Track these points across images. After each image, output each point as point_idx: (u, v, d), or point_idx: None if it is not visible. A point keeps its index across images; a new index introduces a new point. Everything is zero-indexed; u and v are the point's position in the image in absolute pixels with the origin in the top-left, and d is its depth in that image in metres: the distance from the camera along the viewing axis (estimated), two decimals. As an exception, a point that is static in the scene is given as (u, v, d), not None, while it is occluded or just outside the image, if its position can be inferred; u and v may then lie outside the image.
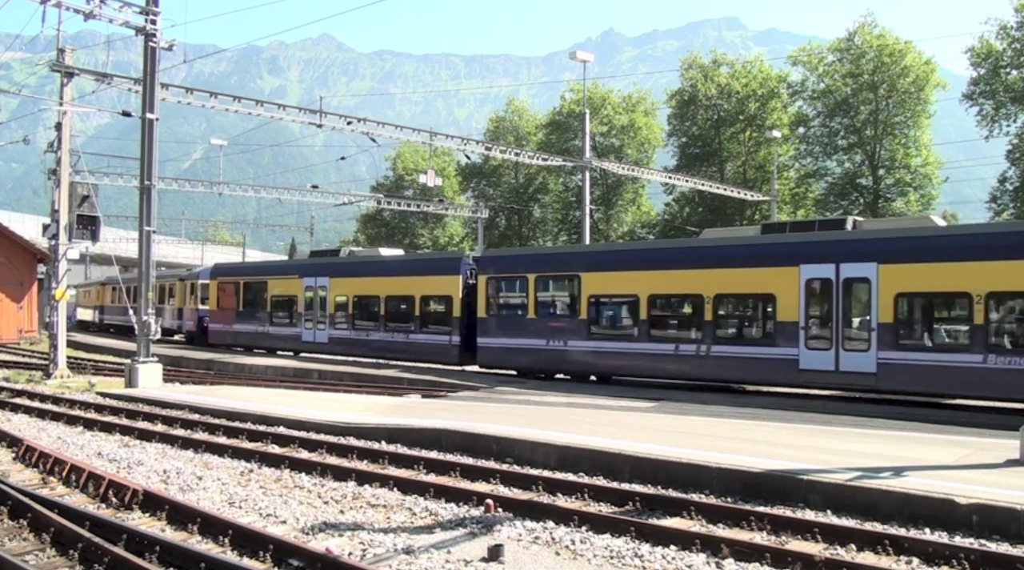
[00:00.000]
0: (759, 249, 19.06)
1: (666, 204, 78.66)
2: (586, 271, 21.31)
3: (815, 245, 17.82)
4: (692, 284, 19.27)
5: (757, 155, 69.46)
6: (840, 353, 16.65)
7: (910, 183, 60.82)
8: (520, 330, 22.50)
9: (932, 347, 15.98)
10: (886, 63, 58.39)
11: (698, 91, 69.70)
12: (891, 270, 16.03)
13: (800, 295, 17.35)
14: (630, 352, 20.06)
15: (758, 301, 18.62)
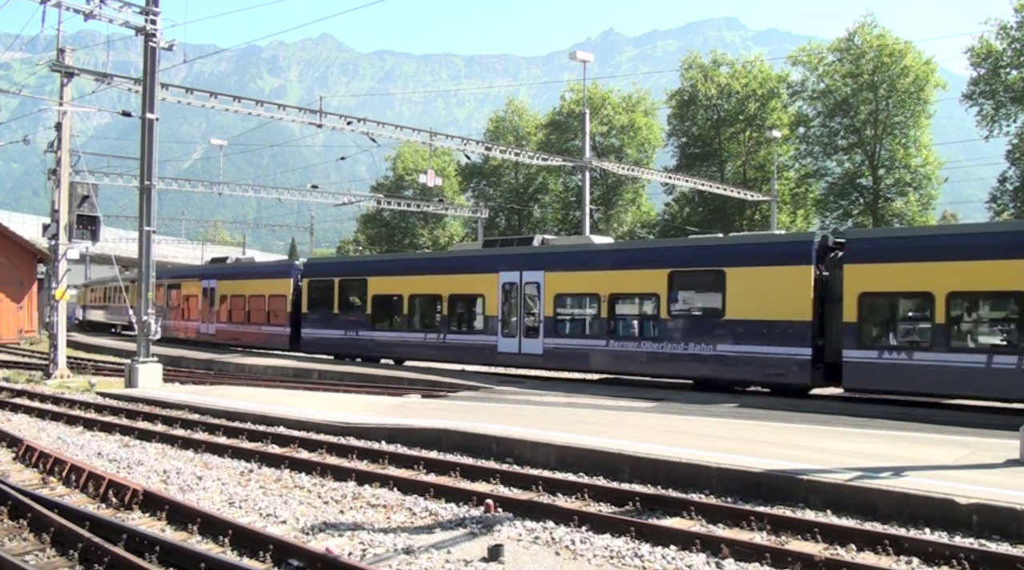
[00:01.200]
0: (476, 260, 25.35)
1: (666, 204, 78.66)
2: (371, 276, 27.35)
3: (508, 257, 23.84)
4: (436, 287, 25.15)
5: (757, 155, 69.44)
6: (522, 340, 22.62)
7: (910, 183, 60.81)
8: (329, 323, 28.35)
9: (572, 335, 22.10)
10: (886, 63, 58.38)
11: (698, 91, 69.69)
12: (552, 277, 22.09)
13: (498, 296, 23.19)
14: (399, 340, 26.09)
15: (475, 300, 24.31)
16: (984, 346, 15.81)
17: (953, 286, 15.72)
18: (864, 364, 16.75)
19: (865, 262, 16.85)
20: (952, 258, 16.02)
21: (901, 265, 16.56)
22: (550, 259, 22.68)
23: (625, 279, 20.97)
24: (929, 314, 16.12)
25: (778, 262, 18.15)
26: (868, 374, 16.80)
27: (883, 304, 17.16)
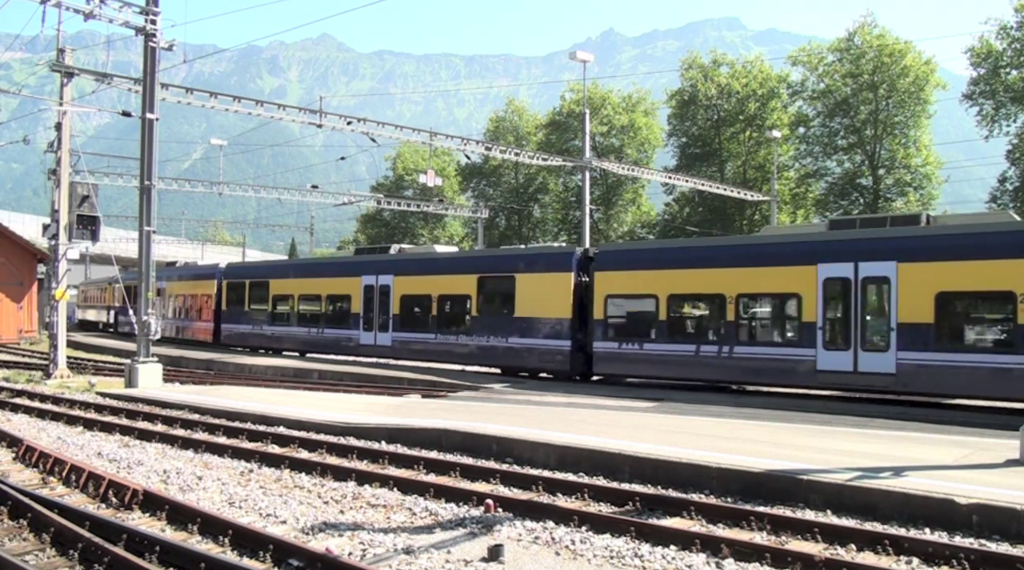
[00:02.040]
0: (346, 265, 29.52)
1: (666, 204, 78.64)
2: (272, 279, 32.02)
3: (369, 263, 27.73)
4: (317, 288, 29.63)
5: (757, 155, 69.43)
6: (377, 334, 26.58)
7: (910, 183, 60.81)
8: (241, 319, 32.77)
9: (413, 329, 25.48)
10: (886, 63, 58.37)
11: (698, 91, 69.68)
12: (399, 280, 26.05)
13: (361, 296, 27.20)
14: (291, 334, 30.32)
15: (344, 299, 27.99)
16: (695, 339, 19.50)
17: (672, 289, 19.77)
18: (609, 353, 20.68)
19: (609, 270, 20.98)
20: (672, 267, 20.30)
21: (635, 272, 20.76)
22: (399, 265, 26.67)
23: (450, 283, 24.73)
24: (655, 312, 19.97)
25: (549, 270, 22.05)
26: (612, 362, 20.70)
27: (622, 304, 20.97)
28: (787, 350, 18.03)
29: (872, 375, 16.71)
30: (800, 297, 17.79)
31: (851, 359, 16.90)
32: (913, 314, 16.22)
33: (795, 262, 18.00)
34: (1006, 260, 15.23)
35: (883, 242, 17.19)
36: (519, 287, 22.57)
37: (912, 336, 16.17)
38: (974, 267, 15.70)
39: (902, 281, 16.41)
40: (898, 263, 16.48)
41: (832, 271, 17.37)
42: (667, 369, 19.90)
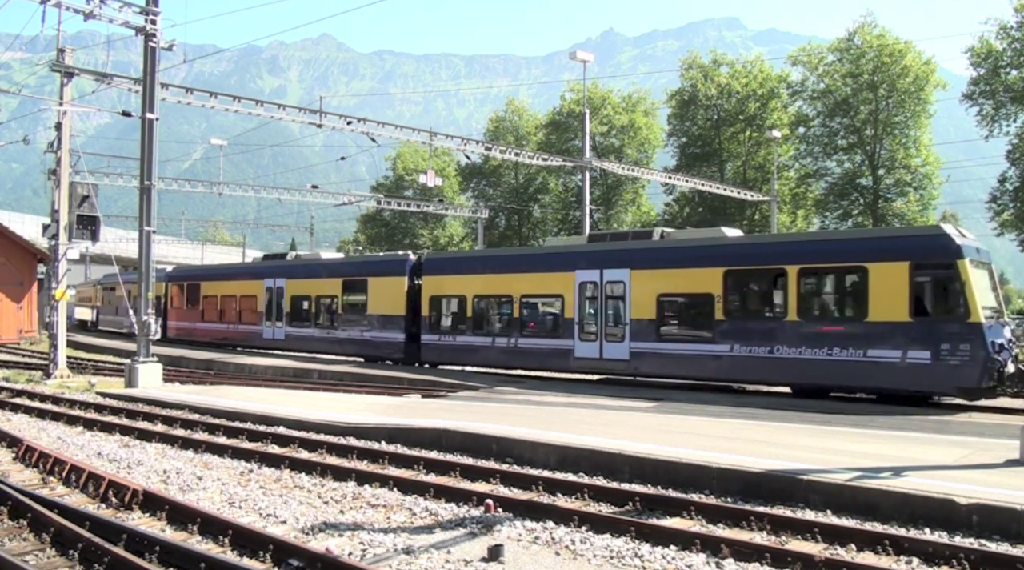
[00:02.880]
0: (255, 270, 34.44)
1: (666, 204, 78.61)
2: (203, 281, 36.63)
3: (272, 268, 32.55)
4: (234, 289, 33.73)
5: (757, 155, 69.39)
6: (275, 329, 31.13)
7: (910, 183, 60.77)
8: (183, 317, 37.24)
9: (300, 325, 30.01)
10: (886, 63, 58.36)
11: (698, 91, 69.64)
12: (291, 282, 30.64)
13: (264, 296, 31.50)
14: (214, 329, 34.55)
15: (254, 299, 32.38)
16: (491, 331, 23.35)
17: (476, 291, 23.76)
18: (433, 344, 24.63)
19: (432, 275, 25.11)
20: (476, 272, 24.44)
21: (451, 277, 24.83)
22: (290, 270, 31.33)
23: (324, 285, 29.12)
24: (465, 310, 23.94)
25: (390, 274, 26.21)
26: (436, 351, 24.68)
27: (442, 303, 24.76)
28: (554, 341, 21.76)
29: (613, 361, 20.48)
30: (563, 298, 21.64)
31: (598, 348, 20.76)
32: (641, 311, 20.01)
33: (560, 269, 21.77)
34: (708, 268, 18.94)
35: (620, 253, 21.01)
36: (370, 289, 26.94)
37: (640, 329, 19.99)
38: (685, 274, 19.61)
39: (634, 285, 20.16)
40: (631, 270, 20.26)
41: (585, 277, 21.15)
42: (474, 357, 23.90)
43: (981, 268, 16.68)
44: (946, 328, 15.82)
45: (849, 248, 18.05)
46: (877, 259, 16.64)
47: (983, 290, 16.21)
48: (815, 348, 17.23)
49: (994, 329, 15.95)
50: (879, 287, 16.56)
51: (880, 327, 16.40)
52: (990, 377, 15.50)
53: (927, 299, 16.40)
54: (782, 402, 17.01)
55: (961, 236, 16.65)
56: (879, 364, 16.40)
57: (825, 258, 17.99)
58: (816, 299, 18.17)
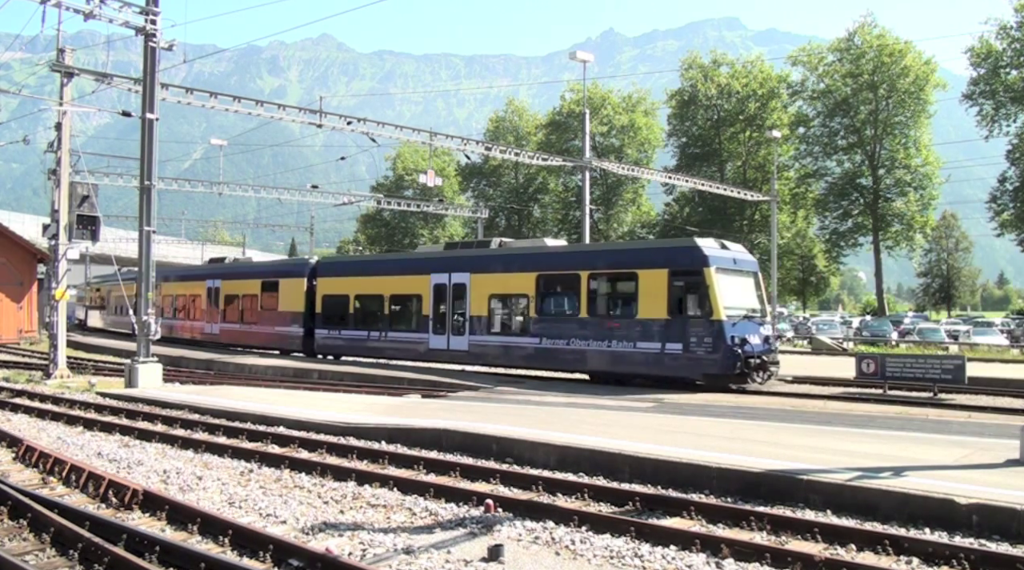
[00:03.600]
0: (194, 273, 38.89)
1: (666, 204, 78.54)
2: (163, 282, 38.08)
3: (210, 271, 36.21)
4: (183, 290, 37.71)
5: (757, 155, 69.35)
6: (213, 325, 34.56)
7: (910, 183, 60.72)
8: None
9: (231, 321, 33.46)
10: (886, 63, 58.33)
11: (698, 91, 69.62)
12: (225, 284, 34.20)
13: (205, 296, 35.38)
14: (176, 324, 37.74)
15: (197, 297, 35.98)
16: (373, 326, 26.38)
17: (357, 291, 27.23)
18: (324, 338, 28.10)
19: (325, 276, 28.61)
20: (357, 275, 27.93)
21: (338, 278, 28.21)
22: (226, 272, 35.34)
23: (248, 285, 32.92)
24: (348, 307, 27.39)
25: (295, 276, 29.97)
26: (328, 344, 28.09)
27: (332, 301, 27.93)
28: (414, 334, 24.87)
29: (457, 351, 23.58)
30: (421, 297, 24.77)
31: (446, 341, 23.84)
32: (478, 309, 23.10)
33: (419, 272, 25.01)
34: (526, 273, 22.08)
35: (464, 259, 24.30)
36: (281, 289, 30.47)
37: (476, 325, 23.09)
38: (510, 277, 22.74)
39: (473, 287, 23.23)
40: (471, 274, 23.37)
41: (438, 279, 24.22)
42: (356, 349, 27.24)
43: (732, 275, 19.44)
44: (694, 324, 18.64)
45: (625, 257, 21.28)
46: (645, 266, 19.80)
47: (729, 293, 18.83)
48: (600, 341, 20.31)
49: (739, 326, 18.64)
50: (646, 290, 19.57)
51: (646, 323, 19.46)
52: (734, 366, 18.31)
53: (681, 300, 19.06)
54: (782, 402, 17.02)
55: (721, 248, 19.87)
56: (646, 354, 19.41)
57: (608, 265, 21.03)
58: (600, 299, 20.90)
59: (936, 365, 18.72)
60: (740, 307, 19.24)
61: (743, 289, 19.89)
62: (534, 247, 24.26)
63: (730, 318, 18.51)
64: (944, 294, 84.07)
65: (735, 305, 19.05)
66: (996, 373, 23.23)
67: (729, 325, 18.42)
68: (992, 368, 25.37)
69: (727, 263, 19.61)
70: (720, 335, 18.24)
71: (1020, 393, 19.38)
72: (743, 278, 20.05)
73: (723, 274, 19.04)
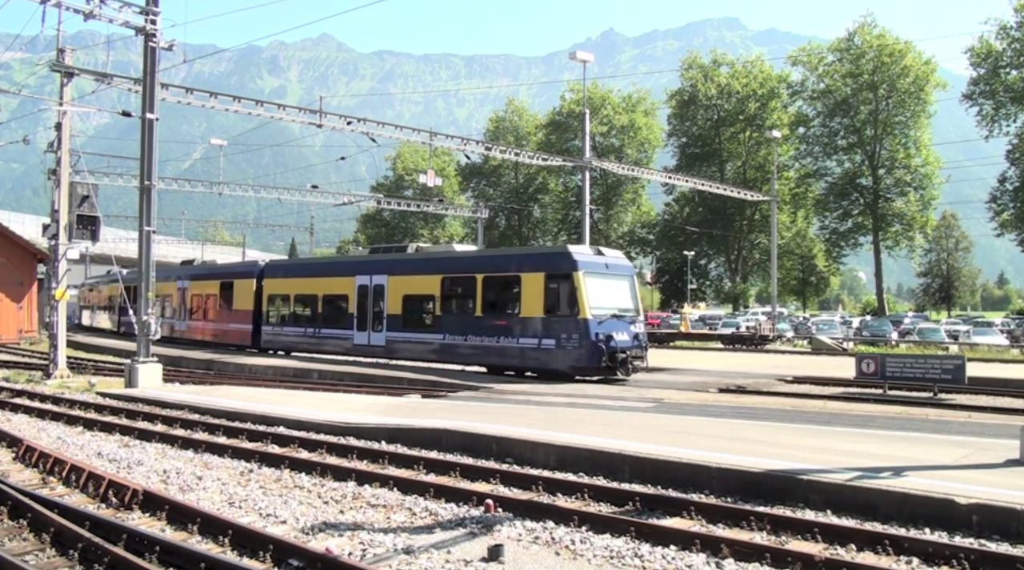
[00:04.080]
0: (168, 273, 39.08)
1: (666, 204, 78.49)
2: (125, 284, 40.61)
3: (178, 272, 39.18)
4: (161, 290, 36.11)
5: (757, 155, 69.31)
6: (177, 323, 37.23)
7: (910, 183, 60.69)
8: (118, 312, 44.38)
9: (196, 319, 36.03)
10: (886, 63, 58.30)
11: (698, 91, 69.58)
12: (192, 284, 36.92)
13: (176, 295, 37.83)
14: (124, 321, 41.94)
15: (168, 297, 38.30)
16: (309, 324, 28.93)
17: (296, 291, 29.85)
18: (268, 334, 30.71)
19: (270, 278, 31.28)
20: (296, 276, 30.53)
21: (281, 280, 30.95)
22: (193, 273, 38.15)
23: (208, 286, 35.43)
24: (289, 306, 30.12)
25: (247, 277, 32.36)
26: (272, 340, 30.52)
27: (276, 301, 30.70)
28: (342, 331, 27.09)
29: (376, 347, 25.80)
30: (348, 297, 26.86)
31: (367, 337, 26.10)
32: (393, 308, 25.31)
33: (347, 274, 27.32)
34: (432, 275, 24.36)
35: (383, 263, 26.59)
36: (235, 289, 32.95)
37: (392, 322, 25.29)
38: (420, 279, 24.87)
39: (390, 288, 25.44)
40: (388, 276, 25.61)
41: (361, 281, 26.45)
42: (296, 344, 29.51)
43: (603, 278, 21.34)
44: (564, 322, 20.62)
45: (511, 262, 23.70)
46: (527, 270, 21.91)
47: (597, 295, 20.69)
48: (492, 337, 22.31)
49: (606, 324, 20.49)
50: (527, 291, 21.58)
51: (527, 321, 21.49)
52: (599, 360, 20.18)
53: (554, 301, 20.96)
54: (782, 402, 17.02)
55: (596, 254, 22.15)
56: (526, 349, 21.53)
57: (498, 269, 23.22)
58: (492, 300, 22.76)
59: (936, 365, 18.71)
60: (608, 307, 21.02)
61: (614, 291, 21.72)
62: (441, 252, 26.54)
63: (596, 317, 20.37)
64: (944, 294, 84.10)
65: (602, 305, 20.84)
66: (996, 373, 23.21)
67: (595, 323, 20.30)
68: (992, 368, 25.36)
69: (598, 268, 21.46)
70: (586, 332, 20.20)
71: (1020, 393, 19.38)
72: (615, 281, 21.92)
73: (592, 277, 20.88)
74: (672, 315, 59.05)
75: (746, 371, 24.63)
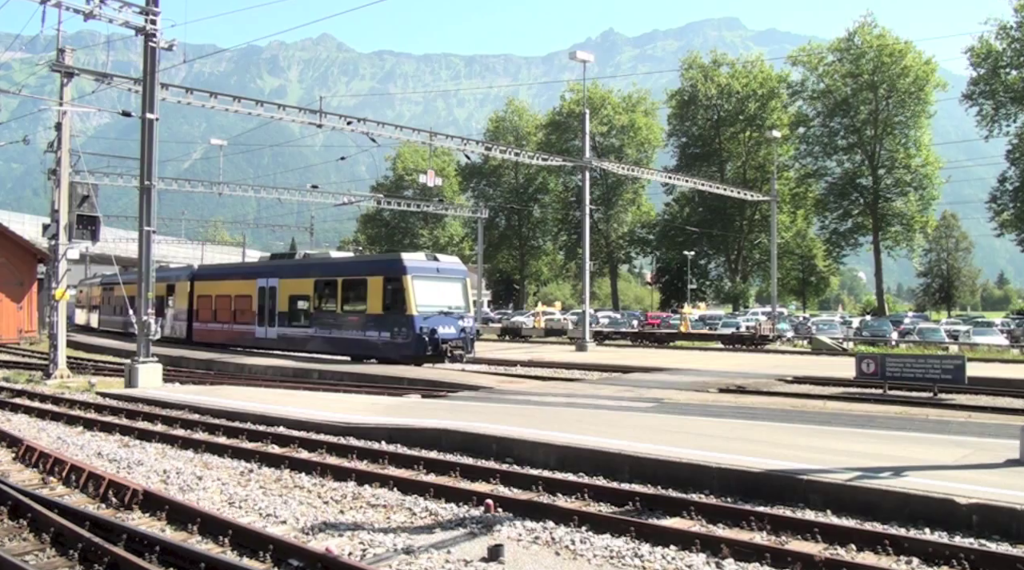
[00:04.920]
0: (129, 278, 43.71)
1: (666, 204, 78.48)
2: (109, 285, 46.63)
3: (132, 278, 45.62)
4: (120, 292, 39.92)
5: (757, 155, 69.31)
6: (129, 320, 35.92)
7: (910, 183, 60.68)
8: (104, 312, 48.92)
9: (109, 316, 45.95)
10: (886, 63, 58.28)
11: (698, 91, 69.57)
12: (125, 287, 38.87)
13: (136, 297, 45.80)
14: (111, 320, 45.77)
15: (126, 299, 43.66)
16: (224, 320, 33.41)
17: (216, 292, 34.17)
18: (200, 329, 34.98)
19: (199, 280, 35.73)
20: (215, 279, 35.18)
21: (206, 282, 35.32)
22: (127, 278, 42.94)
23: (159, 288, 35.88)
24: (210, 305, 34.29)
25: (183, 280, 36.77)
26: (200, 334, 34.73)
27: (203, 301, 34.85)
28: (247, 326, 31.69)
29: (271, 339, 30.46)
30: (251, 297, 31.67)
31: (265, 331, 30.93)
32: (283, 307, 30.09)
33: (252, 277, 32.24)
34: (308, 278, 29.16)
35: (276, 267, 31.72)
36: (176, 290, 37.19)
37: (282, 318, 30.04)
38: (300, 282, 29.64)
39: (280, 289, 30.28)
40: (279, 280, 30.49)
41: (262, 283, 31.27)
42: (215, 337, 33.75)
43: (432, 280, 25.51)
44: (396, 318, 25.00)
45: (363, 267, 28.61)
46: (373, 274, 26.47)
47: (424, 294, 24.93)
48: (349, 330, 26.99)
49: (431, 319, 24.85)
50: (371, 292, 26.04)
51: (372, 317, 26.02)
52: (424, 349, 24.60)
53: (390, 300, 25.23)
54: (782, 402, 17.03)
55: (428, 259, 26.65)
56: (371, 340, 26.02)
57: (353, 273, 27.78)
58: (349, 299, 27.23)
59: (936, 365, 18.70)
60: (436, 305, 25.15)
61: (444, 292, 25.69)
62: (315, 258, 31.26)
63: (422, 313, 24.63)
64: (944, 294, 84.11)
65: (429, 303, 24.96)
66: (996, 373, 23.21)
67: (420, 319, 24.59)
68: (992, 368, 25.36)
69: (428, 272, 25.61)
70: (411, 326, 24.57)
71: (1020, 393, 19.37)
72: (446, 283, 25.91)
73: (421, 280, 25.06)
74: (672, 315, 59.01)
75: (746, 371, 24.62)
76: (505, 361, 29.69)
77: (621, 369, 25.66)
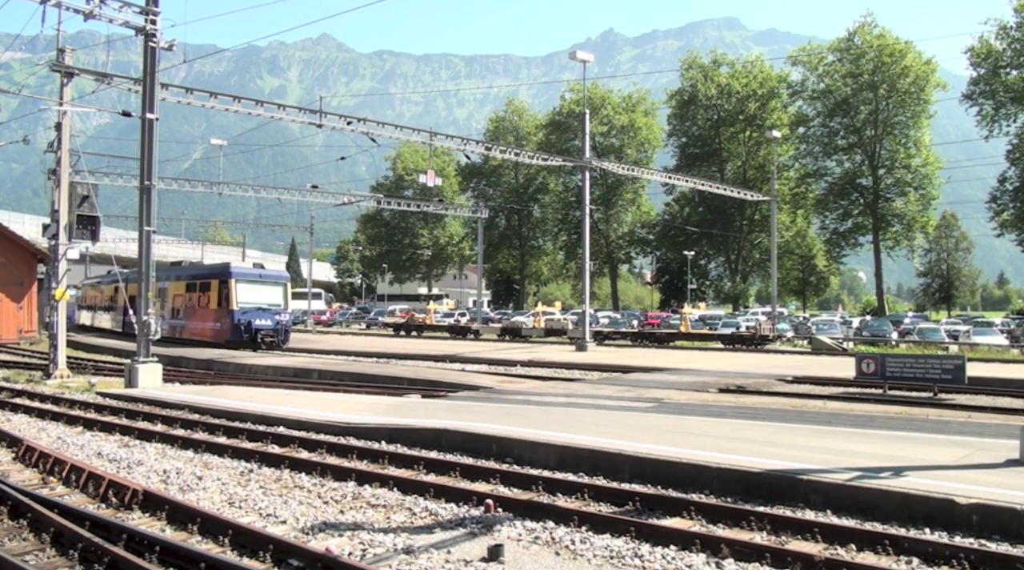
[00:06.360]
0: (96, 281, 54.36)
1: (666, 204, 78.47)
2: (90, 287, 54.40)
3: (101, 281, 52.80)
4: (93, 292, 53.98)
5: (757, 155, 69.30)
6: (98, 314, 51.13)
7: (910, 183, 60.67)
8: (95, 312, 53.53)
9: (94, 313, 52.54)
10: (886, 63, 58.28)
11: (698, 91, 69.55)
12: (105, 288, 49.43)
13: (100, 296, 50.60)
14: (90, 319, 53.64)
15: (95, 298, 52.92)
16: (185, 318, 38.05)
17: (131, 293, 33.52)
18: (127, 325, 39.52)
19: (129, 282, 35.17)
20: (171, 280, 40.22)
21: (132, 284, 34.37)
22: (103, 281, 50.18)
23: (109, 290, 48.09)
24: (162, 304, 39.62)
25: (112, 283, 43.90)
26: (129, 327, 38.07)
27: (131, 299, 34.49)
28: None
29: (165, 331, 33.25)
30: (160, 296, 38.14)
31: (163, 325, 34.11)
32: (174, 304, 38.36)
33: (159, 281, 37.36)
34: (180, 281, 38.38)
35: (168, 272, 40.14)
36: (119, 291, 41.02)
37: (172, 314, 38.26)
38: (177, 284, 38.43)
39: (170, 290, 38.77)
40: (169, 282, 38.96)
41: (161, 285, 38.25)
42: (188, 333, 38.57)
43: (255, 284, 33.88)
44: (222, 312, 33.30)
45: (208, 272, 37.15)
46: (214, 278, 34.90)
47: (246, 294, 33.21)
48: (199, 321, 35.51)
49: (249, 313, 32.90)
50: (212, 292, 34.53)
51: (211, 311, 34.43)
52: (242, 337, 32.47)
53: (220, 298, 33.66)
54: (782, 402, 17.02)
55: (255, 267, 36.99)
56: (208, 328, 34.47)
57: (202, 277, 36.53)
58: (199, 297, 35.93)
59: (936, 365, 18.70)
60: (255, 302, 33.30)
61: (264, 292, 33.90)
62: (184, 266, 42.29)
63: (241, 308, 32.68)
64: (944, 294, 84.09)
65: (249, 301, 33.10)
66: (996, 373, 23.21)
67: (239, 313, 32.63)
68: (992, 368, 25.36)
69: (252, 277, 34.14)
70: (231, 318, 32.63)
71: (1020, 393, 19.38)
72: (268, 286, 34.26)
73: (244, 283, 33.30)
74: (672, 315, 59.00)
75: (746, 371, 24.62)
76: (505, 361, 29.70)
77: (621, 369, 25.66)
